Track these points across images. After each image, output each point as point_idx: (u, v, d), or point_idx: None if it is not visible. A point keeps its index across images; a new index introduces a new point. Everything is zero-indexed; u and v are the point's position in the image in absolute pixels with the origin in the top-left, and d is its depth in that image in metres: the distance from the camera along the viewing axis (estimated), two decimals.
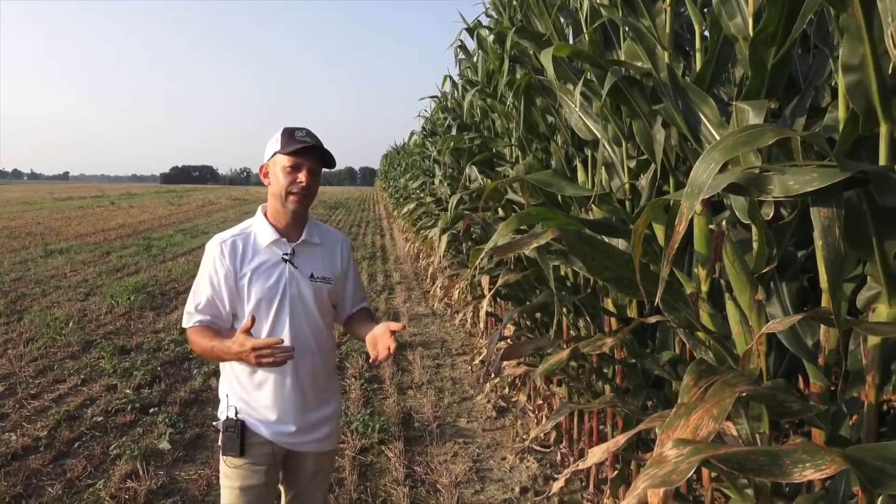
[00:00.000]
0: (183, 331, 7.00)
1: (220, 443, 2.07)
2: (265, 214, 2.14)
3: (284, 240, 2.10)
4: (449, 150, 4.69)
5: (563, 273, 3.48)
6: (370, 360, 2.01)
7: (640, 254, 1.70)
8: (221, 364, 2.14)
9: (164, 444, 3.99)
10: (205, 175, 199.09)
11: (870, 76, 1.33)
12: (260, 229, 2.11)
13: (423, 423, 4.51)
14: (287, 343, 1.99)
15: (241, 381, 2.07)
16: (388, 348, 1.94)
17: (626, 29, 1.97)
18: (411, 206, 8.51)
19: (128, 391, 4.98)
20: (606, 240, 2.06)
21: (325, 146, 2.07)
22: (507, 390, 5.04)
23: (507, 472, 3.76)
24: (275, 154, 2.05)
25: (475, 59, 5.08)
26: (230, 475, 2.04)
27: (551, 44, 2.61)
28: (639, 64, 2.04)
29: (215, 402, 4.89)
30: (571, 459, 3.72)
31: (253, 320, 1.91)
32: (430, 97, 7.81)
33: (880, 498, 1.52)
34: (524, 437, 4.23)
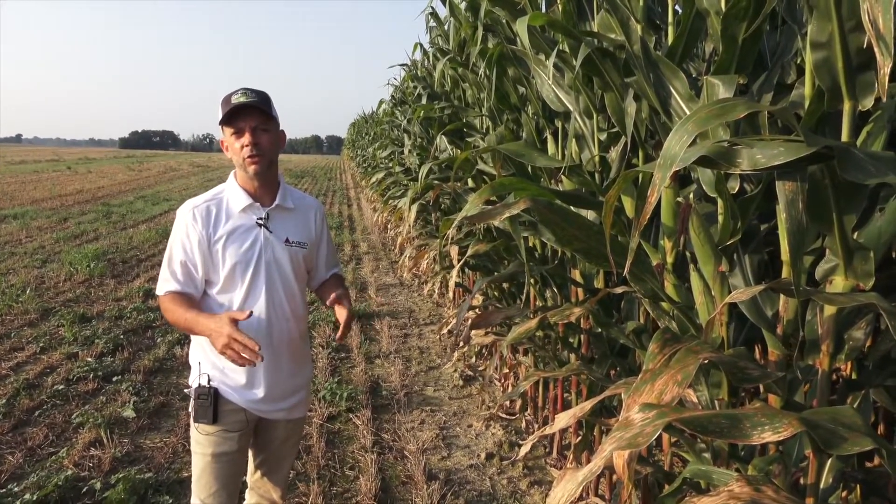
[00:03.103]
0: (146, 299, 6.88)
1: (190, 410, 2.06)
2: (237, 180, 2.11)
3: (258, 204, 2.07)
4: (420, 119, 4.65)
5: (531, 244, 3.52)
6: (338, 336, 2.08)
7: (610, 225, 1.73)
8: None
9: (129, 413, 3.95)
10: (166, 140, 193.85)
11: (836, 54, 1.36)
12: (232, 194, 2.08)
13: (390, 391, 4.55)
14: (263, 309, 2.02)
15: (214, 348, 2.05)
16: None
17: (601, 0, 1.97)
18: (380, 175, 8.43)
19: (89, 359, 4.89)
20: (575, 211, 2.08)
21: (265, 97, 1.99)
22: (473, 360, 5.10)
23: (473, 439, 3.83)
24: (221, 126, 2.01)
25: (446, 27, 5.02)
26: (202, 442, 2.03)
27: (525, 12, 2.60)
28: (612, 36, 2.05)
29: (179, 370, 4.86)
30: (536, 426, 3.81)
31: (250, 314, 1.87)
32: (401, 65, 7.71)
33: (829, 460, 1.60)
34: (490, 404, 4.30)
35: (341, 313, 2.08)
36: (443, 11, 5.41)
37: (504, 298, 4.09)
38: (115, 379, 4.56)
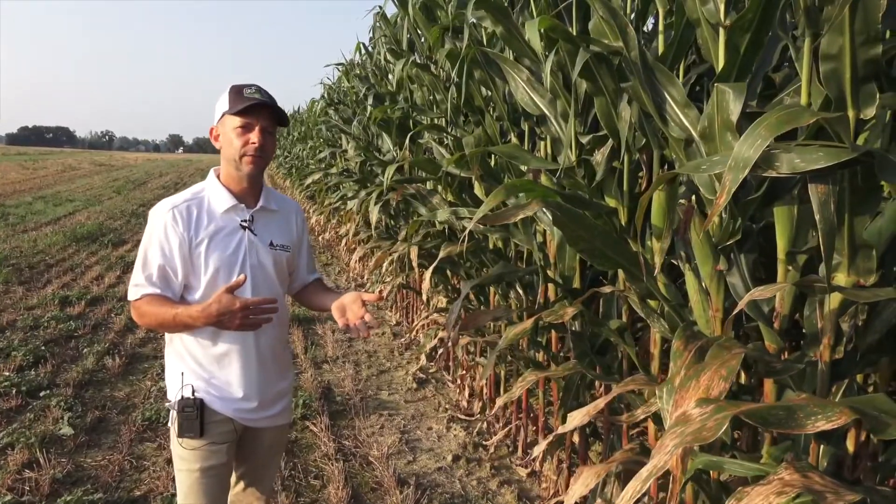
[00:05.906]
0: (63, 307, 6.35)
1: (171, 424, 1.93)
2: (219, 179, 2.00)
3: (242, 206, 1.98)
4: (376, 121, 4.59)
5: (492, 245, 3.55)
6: (342, 328, 2.01)
7: (603, 225, 1.76)
8: (169, 340, 1.98)
9: (66, 430, 3.65)
10: (60, 137, 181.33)
11: (845, 65, 1.45)
12: (214, 194, 1.97)
13: (344, 396, 4.45)
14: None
15: (197, 357, 1.93)
16: (364, 321, 1.94)
17: (595, 6, 2.01)
18: (316, 176, 8.25)
19: (8, 373, 4.49)
20: (581, 212, 2.11)
21: (275, 100, 1.96)
22: (424, 361, 5.08)
23: (435, 442, 3.81)
24: (224, 115, 1.91)
25: (396, 27, 4.98)
26: (187, 458, 1.91)
27: (506, 13, 2.62)
28: (605, 41, 2.09)
29: (112, 382, 4.56)
30: (498, 426, 3.84)
31: (245, 279, 1.82)
32: (337, 65, 7.59)
33: (822, 446, 1.71)
34: (447, 406, 4.30)
35: (353, 302, 2.01)
36: (390, 12, 5.38)
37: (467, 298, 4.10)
38: (42, 394, 4.21)
